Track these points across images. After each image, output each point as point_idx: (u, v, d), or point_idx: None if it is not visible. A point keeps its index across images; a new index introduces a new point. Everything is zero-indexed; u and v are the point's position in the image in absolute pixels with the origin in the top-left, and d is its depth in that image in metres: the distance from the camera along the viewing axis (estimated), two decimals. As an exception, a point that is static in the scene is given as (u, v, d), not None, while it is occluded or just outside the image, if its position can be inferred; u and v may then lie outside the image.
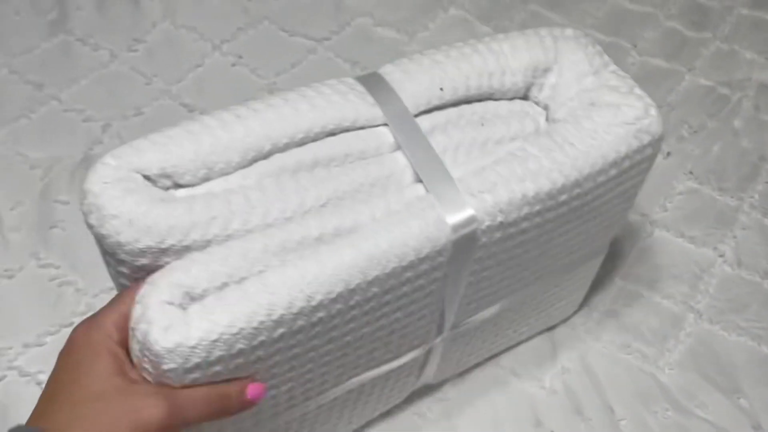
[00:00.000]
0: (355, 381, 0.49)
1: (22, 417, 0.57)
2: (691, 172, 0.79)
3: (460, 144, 0.47)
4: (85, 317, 0.39)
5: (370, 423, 0.59)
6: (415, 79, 0.47)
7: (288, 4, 0.88)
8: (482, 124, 0.48)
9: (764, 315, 0.69)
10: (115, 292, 0.42)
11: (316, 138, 0.44)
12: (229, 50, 0.83)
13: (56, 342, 0.61)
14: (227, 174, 0.42)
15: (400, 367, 0.51)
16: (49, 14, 0.84)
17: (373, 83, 0.47)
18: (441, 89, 0.47)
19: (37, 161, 0.71)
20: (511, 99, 0.51)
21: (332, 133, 0.45)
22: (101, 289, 0.64)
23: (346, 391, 0.49)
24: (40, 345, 0.61)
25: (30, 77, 0.78)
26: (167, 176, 0.40)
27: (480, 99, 0.49)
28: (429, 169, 0.44)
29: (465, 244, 0.43)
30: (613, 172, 0.48)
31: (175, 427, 0.36)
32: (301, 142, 0.44)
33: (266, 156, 0.43)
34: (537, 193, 0.45)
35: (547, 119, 0.51)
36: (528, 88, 0.51)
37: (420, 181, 0.44)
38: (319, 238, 0.40)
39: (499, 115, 0.49)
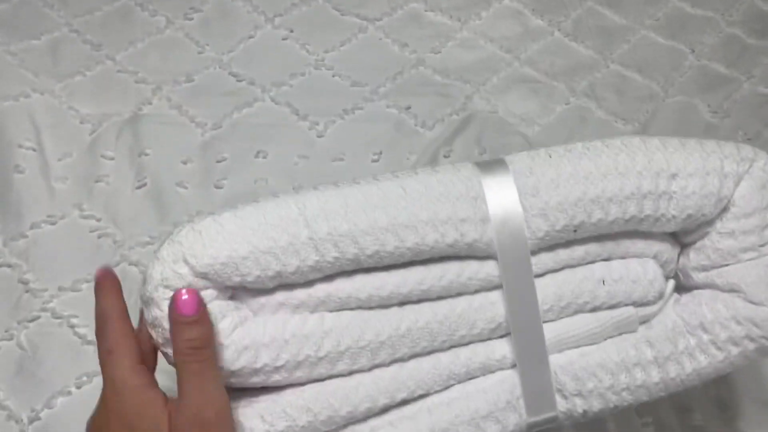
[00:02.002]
0: None
1: (53, 357, 0.59)
2: (742, 180, 0.76)
3: (570, 302, 0.41)
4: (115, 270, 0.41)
5: None
6: (550, 197, 0.40)
7: (343, -15, 0.89)
8: (603, 282, 0.42)
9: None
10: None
11: (429, 290, 0.40)
12: (281, 24, 0.84)
13: (91, 289, 0.62)
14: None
15: None
16: (113, -20, 0.87)
17: (497, 202, 0.40)
18: (575, 230, 0.40)
19: (88, 116, 0.73)
20: (650, 238, 0.43)
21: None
22: (137, 242, 0.65)
23: None
24: (75, 291, 0.63)
25: (89, 37, 0.80)
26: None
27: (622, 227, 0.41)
28: (529, 357, 0.39)
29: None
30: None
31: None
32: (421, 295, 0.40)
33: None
34: (630, 404, 0.41)
35: (680, 280, 0.45)
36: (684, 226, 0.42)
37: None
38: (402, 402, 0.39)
39: (625, 276, 0.42)
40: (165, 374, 0.43)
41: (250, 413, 0.39)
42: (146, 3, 0.84)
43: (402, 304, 0.40)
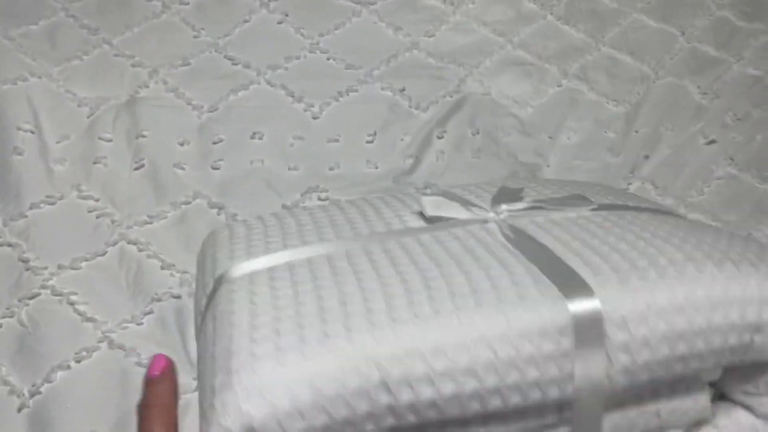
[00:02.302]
0: None
1: (53, 333, 0.60)
2: (731, 158, 0.77)
3: None
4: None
5: None
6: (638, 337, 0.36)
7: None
8: (658, 415, 0.39)
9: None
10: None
11: None
12: (276, 8, 0.85)
13: (90, 267, 0.64)
14: None
15: None
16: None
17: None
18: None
19: (86, 100, 0.74)
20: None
21: None
22: (135, 222, 0.66)
23: None
24: (75, 269, 0.64)
25: (86, 21, 0.81)
26: None
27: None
28: None
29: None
30: None
31: None
32: None
33: None
34: None
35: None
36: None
37: None
38: None
39: (679, 407, 0.39)
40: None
41: None
42: (142, -12, 0.85)
43: None
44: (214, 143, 0.73)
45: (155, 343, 0.60)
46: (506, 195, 0.46)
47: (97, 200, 0.68)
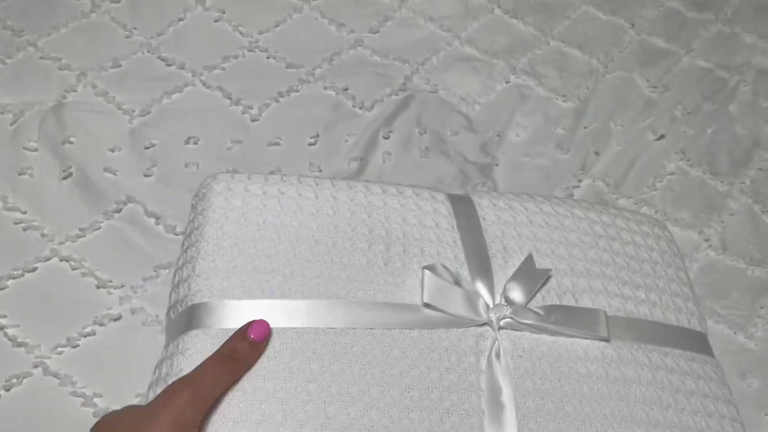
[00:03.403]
0: None
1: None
2: (683, 152, 0.76)
3: None
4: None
5: None
6: None
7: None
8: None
9: (744, 303, 0.66)
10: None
11: None
12: (213, 5, 0.81)
13: (18, 285, 0.60)
14: None
15: None
16: (35, -38, 0.83)
17: None
18: None
19: (8, 106, 0.70)
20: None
21: None
22: (67, 237, 0.63)
23: None
24: (1, 288, 0.60)
25: (10, 23, 0.77)
26: None
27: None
28: None
29: None
30: None
31: (206, 403, 0.39)
32: None
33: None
34: None
35: None
36: None
37: None
38: None
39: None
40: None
41: None
42: (70, -14, 0.81)
43: None
44: (146, 148, 0.69)
45: (93, 368, 0.57)
46: (525, 276, 0.48)
47: (24, 212, 0.64)
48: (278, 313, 0.44)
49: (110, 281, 0.61)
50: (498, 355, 0.44)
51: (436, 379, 0.43)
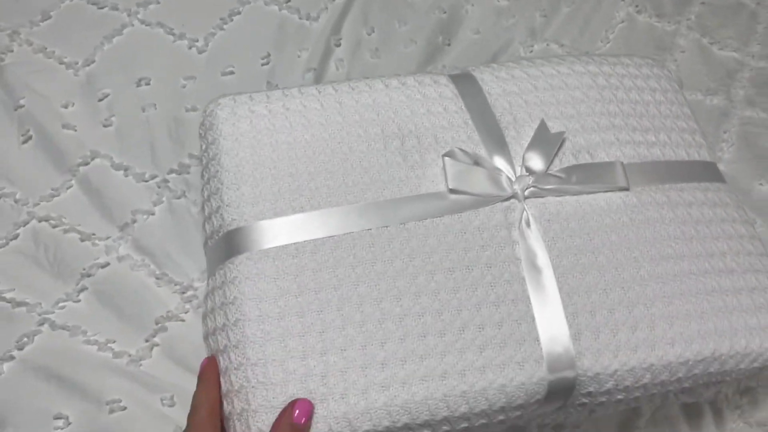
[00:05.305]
0: None
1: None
2: (629, -1, 0.77)
3: None
4: None
5: None
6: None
7: None
8: None
9: (708, 131, 0.69)
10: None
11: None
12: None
13: (5, 253, 0.60)
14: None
15: None
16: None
17: None
18: None
19: (-56, 80, 0.67)
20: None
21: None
22: (41, 197, 0.62)
23: None
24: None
25: None
26: None
27: None
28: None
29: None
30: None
31: None
32: None
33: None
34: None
35: None
36: None
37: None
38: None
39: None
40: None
41: None
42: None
43: None
44: (100, 100, 0.68)
45: (98, 318, 0.58)
46: (541, 143, 0.49)
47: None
48: (313, 225, 0.45)
49: (93, 234, 0.61)
50: (528, 223, 0.46)
51: (474, 258, 0.45)
